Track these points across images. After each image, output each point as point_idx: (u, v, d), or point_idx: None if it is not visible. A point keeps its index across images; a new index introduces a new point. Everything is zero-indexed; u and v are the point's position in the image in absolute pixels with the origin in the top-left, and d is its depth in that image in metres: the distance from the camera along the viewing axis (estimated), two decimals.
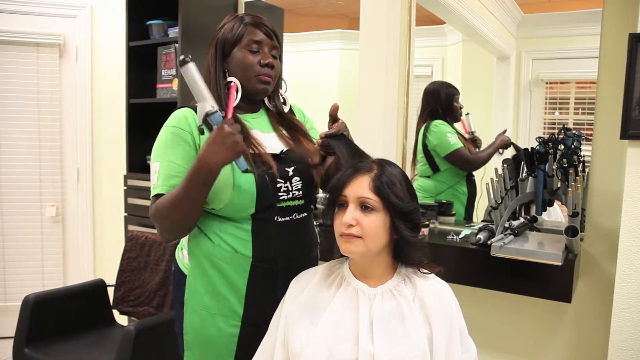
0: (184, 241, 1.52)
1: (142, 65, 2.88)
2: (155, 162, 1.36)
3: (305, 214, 1.47)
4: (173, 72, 2.74)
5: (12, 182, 3.41)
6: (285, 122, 1.53)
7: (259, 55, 1.42)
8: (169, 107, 2.74)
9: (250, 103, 1.49)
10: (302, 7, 3.27)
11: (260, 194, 1.35)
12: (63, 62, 3.45)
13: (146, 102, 2.87)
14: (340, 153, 1.34)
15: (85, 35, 3.45)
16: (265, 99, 1.52)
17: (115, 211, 3.31)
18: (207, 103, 1.27)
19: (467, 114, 2.53)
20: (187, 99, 2.63)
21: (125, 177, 2.91)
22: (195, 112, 1.35)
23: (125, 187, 2.91)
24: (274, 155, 1.41)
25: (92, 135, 3.53)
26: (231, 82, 1.42)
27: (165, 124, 1.41)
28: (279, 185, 1.39)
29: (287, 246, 1.39)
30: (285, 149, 1.45)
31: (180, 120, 1.40)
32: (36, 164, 3.44)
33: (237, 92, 1.41)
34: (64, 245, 3.54)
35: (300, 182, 1.43)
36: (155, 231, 2.73)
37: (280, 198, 1.40)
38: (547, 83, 2.47)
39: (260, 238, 1.38)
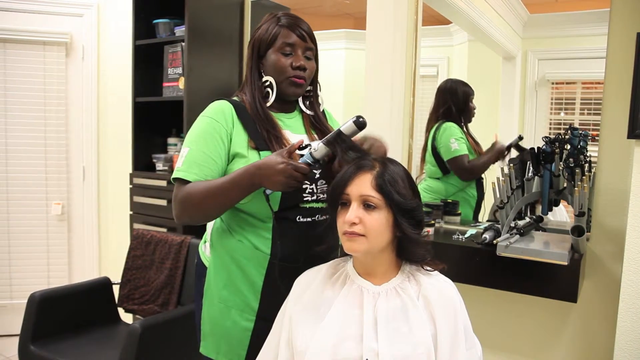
0: (207, 235, 1.57)
1: (148, 64, 2.89)
2: (186, 148, 1.40)
3: (327, 216, 1.47)
4: (179, 70, 2.75)
5: (18, 180, 3.43)
6: (318, 125, 1.55)
7: (292, 57, 1.45)
8: (175, 105, 2.76)
9: (285, 103, 1.52)
10: (308, 7, 3.27)
11: (284, 193, 1.37)
12: (69, 61, 3.46)
13: (152, 101, 2.89)
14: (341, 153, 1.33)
15: (92, 34, 3.46)
16: (300, 100, 1.54)
17: (120, 209, 3.32)
18: (318, 143, 1.30)
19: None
20: (193, 97, 2.66)
21: (131, 176, 2.92)
22: (233, 105, 1.44)
23: (130, 186, 2.92)
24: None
25: (98, 134, 3.54)
26: (266, 81, 1.46)
27: (202, 113, 1.45)
28: (304, 186, 1.41)
29: (306, 246, 1.39)
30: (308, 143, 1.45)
31: (217, 112, 1.42)
32: (42, 162, 3.45)
33: (272, 89, 1.46)
34: (70, 243, 3.56)
35: (326, 185, 1.45)
36: (160, 229, 2.74)
37: (304, 199, 1.42)
38: (553, 83, 2.46)
39: (280, 237, 1.40)
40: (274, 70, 1.46)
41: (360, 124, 1.26)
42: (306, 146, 1.31)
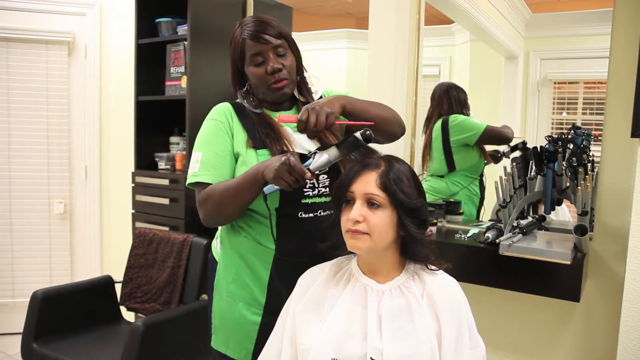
0: (218, 231, 1.60)
1: (150, 63, 2.89)
2: (198, 152, 1.45)
3: (330, 212, 1.48)
4: (182, 69, 2.75)
5: (20, 179, 3.43)
6: None
7: (264, 64, 1.45)
8: (178, 104, 2.76)
9: (281, 102, 1.53)
10: (310, 7, 3.28)
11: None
12: (72, 60, 3.46)
13: (155, 100, 2.89)
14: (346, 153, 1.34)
15: (95, 33, 3.46)
16: (295, 92, 1.55)
17: (122, 208, 3.32)
18: (329, 152, 1.31)
19: None
20: (196, 96, 2.66)
21: (133, 174, 2.93)
22: (232, 106, 1.51)
23: (133, 184, 2.92)
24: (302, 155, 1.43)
25: (100, 133, 3.54)
26: (248, 90, 1.51)
27: (206, 117, 1.51)
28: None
29: (310, 242, 1.40)
30: (314, 150, 1.45)
31: (219, 113, 1.49)
32: (44, 160, 3.45)
33: (253, 96, 1.50)
34: (72, 241, 3.56)
35: (328, 179, 1.46)
36: (162, 228, 2.74)
37: (305, 194, 1.43)
38: (555, 83, 2.46)
39: (284, 232, 1.43)
40: (257, 82, 1.47)
41: (367, 137, 1.29)
42: (311, 155, 1.32)
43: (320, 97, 1.60)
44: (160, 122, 2.96)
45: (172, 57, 2.81)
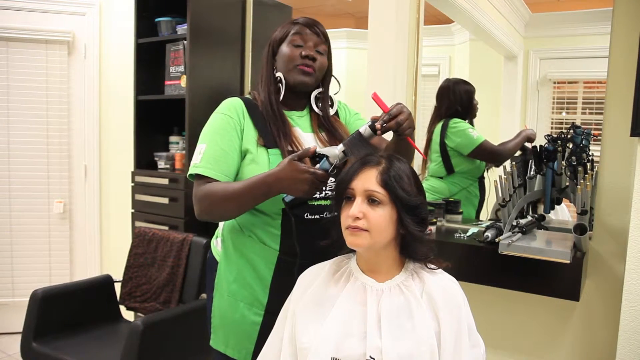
0: (219, 230, 1.59)
1: (150, 62, 2.89)
2: (202, 144, 1.43)
3: (334, 214, 1.48)
4: (181, 69, 2.75)
5: (20, 178, 3.43)
6: (326, 124, 1.56)
7: (302, 48, 1.47)
8: (177, 103, 2.76)
9: (296, 100, 1.53)
10: (310, 7, 3.28)
11: None
12: (72, 59, 3.46)
13: (154, 99, 2.89)
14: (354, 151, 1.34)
15: (94, 33, 3.46)
16: (312, 99, 1.54)
17: (122, 207, 3.32)
18: (338, 149, 1.31)
19: None
20: (195, 95, 2.67)
21: (133, 174, 2.93)
22: (244, 102, 1.49)
23: (132, 184, 2.93)
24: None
25: (99, 132, 3.55)
26: (278, 77, 1.49)
27: (215, 110, 1.49)
28: None
29: (314, 244, 1.39)
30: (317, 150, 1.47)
31: (230, 108, 1.47)
32: (44, 160, 3.46)
33: (282, 84, 1.48)
34: (71, 241, 3.56)
35: (335, 183, 1.44)
36: (162, 227, 2.74)
37: (313, 196, 1.41)
38: (554, 83, 2.46)
39: (288, 233, 1.43)
40: (284, 61, 1.48)
41: (373, 130, 1.29)
42: (319, 155, 1.31)
43: (337, 112, 1.62)
44: (160, 122, 2.96)
45: (171, 57, 2.81)
